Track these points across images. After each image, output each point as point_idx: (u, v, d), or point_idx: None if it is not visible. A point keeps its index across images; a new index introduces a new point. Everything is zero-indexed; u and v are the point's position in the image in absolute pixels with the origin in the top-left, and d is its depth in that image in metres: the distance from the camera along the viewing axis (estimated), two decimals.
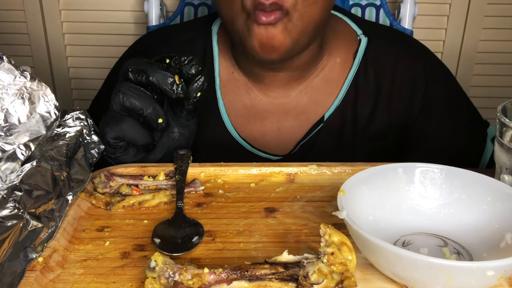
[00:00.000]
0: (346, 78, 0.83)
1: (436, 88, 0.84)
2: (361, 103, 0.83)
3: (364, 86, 0.83)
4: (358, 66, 0.83)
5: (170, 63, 0.69)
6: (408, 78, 0.83)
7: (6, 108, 0.58)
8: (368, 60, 0.83)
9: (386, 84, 0.83)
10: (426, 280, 0.44)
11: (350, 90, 0.83)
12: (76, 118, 0.65)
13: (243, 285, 0.46)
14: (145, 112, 0.66)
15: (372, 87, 0.83)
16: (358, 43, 0.84)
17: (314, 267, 0.45)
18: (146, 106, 0.66)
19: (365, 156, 0.82)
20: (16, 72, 0.59)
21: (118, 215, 0.60)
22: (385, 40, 0.85)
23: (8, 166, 0.55)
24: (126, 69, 0.67)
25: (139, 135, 0.68)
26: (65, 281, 0.49)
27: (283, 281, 0.46)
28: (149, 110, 0.66)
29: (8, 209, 0.49)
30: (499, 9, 1.49)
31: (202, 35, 0.87)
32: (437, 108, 0.84)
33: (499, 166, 0.57)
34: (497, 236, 0.50)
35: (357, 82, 0.83)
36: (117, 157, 0.70)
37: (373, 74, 0.83)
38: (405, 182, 0.57)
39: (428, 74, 0.84)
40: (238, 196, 0.64)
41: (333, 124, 0.83)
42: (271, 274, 0.46)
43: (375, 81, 0.83)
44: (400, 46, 0.85)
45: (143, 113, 0.67)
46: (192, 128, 0.73)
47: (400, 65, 0.83)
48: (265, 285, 0.46)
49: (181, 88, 0.67)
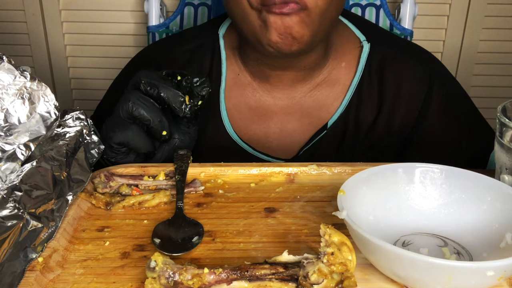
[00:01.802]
0: (351, 84, 0.83)
1: (439, 93, 0.83)
2: (364, 110, 0.83)
3: (367, 94, 0.83)
4: (362, 73, 0.83)
5: (182, 81, 0.69)
6: (411, 84, 0.83)
7: (6, 108, 0.58)
8: (371, 67, 0.83)
9: (390, 91, 0.83)
10: (426, 280, 0.44)
11: (354, 97, 0.83)
12: (76, 118, 0.65)
13: (243, 285, 0.46)
14: (152, 123, 0.67)
15: (375, 94, 0.83)
16: (360, 50, 0.84)
17: (314, 267, 0.45)
18: (154, 118, 0.67)
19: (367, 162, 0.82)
20: (16, 72, 0.59)
21: (118, 215, 0.60)
22: (387, 47, 0.85)
23: (8, 166, 0.55)
24: (139, 80, 0.68)
25: (143, 143, 0.69)
26: (65, 281, 0.49)
27: (283, 281, 0.46)
28: (156, 122, 0.67)
29: (8, 209, 0.49)
30: (499, 9, 1.49)
31: (210, 41, 0.87)
32: (440, 113, 0.84)
33: (499, 166, 0.57)
34: (497, 236, 0.50)
35: (361, 89, 0.83)
36: (117, 161, 0.70)
37: (376, 81, 0.83)
38: (405, 182, 0.57)
39: (431, 80, 0.83)
40: (238, 196, 0.64)
41: (336, 131, 0.84)
42: (271, 274, 0.46)
43: (379, 88, 0.83)
44: (403, 52, 0.85)
45: (149, 124, 0.67)
46: (193, 135, 0.73)
47: (403, 72, 0.83)
48: (265, 285, 0.46)
49: (189, 109, 0.68)
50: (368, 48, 0.84)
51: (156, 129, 0.68)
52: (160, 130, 0.68)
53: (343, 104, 0.83)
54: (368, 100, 0.83)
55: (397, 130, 0.84)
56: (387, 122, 0.83)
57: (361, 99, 0.83)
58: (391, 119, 0.83)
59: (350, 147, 0.84)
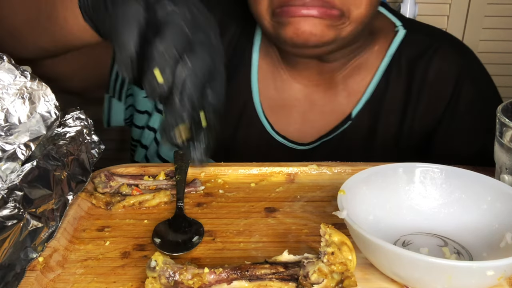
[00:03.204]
0: (378, 69, 0.80)
1: (469, 89, 0.80)
2: (390, 100, 0.80)
3: (395, 82, 0.80)
4: (391, 58, 0.80)
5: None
6: (442, 76, 0.79)
7: (7, 108, 0.58)
8: (402, 53, 0.80)
9: (418, 80, 0.79)
10: (426, 279, 0.44)
11: (381, 84, 0.80)
12: (76, 118, 0.65)
13: (243, 284, 0.46)
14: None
15: (403, 83, 0.79)
16: (394, 34, 0.81)
17: (314, 266, 0.45)
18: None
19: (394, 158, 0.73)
20: (16, 72, 0.59)
21: (118, 215, 0.60)
22: (424, 35, 0.81)
23: (9, 166, 0.55)
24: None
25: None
26: (66, 281, 0.49)
27: (283, 281, 0.46)
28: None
29: (9, 209, 0.49)
30: (499, 9, 1.49)
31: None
32: (466, 111, 0.80)
33: (499, 166, 0.57)
34: (497, 236, 0.50)
35: (389, 77, 0.80)
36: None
37: (406, 69, 0.79)
38: (405, 182, 0.57)
39: (462, 76, 0.80)
40: (238, 196, 0.64)
41: (361, 123, 0.80)
42: (271, 274, 0.46)
43: (408, 76, 0.79)
44: (439, 41, 0.81)
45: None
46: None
47: (436, 64, 0.79)
48: (265, 284, 0.46)
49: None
50: (403, 34, 0.80)
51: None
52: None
53: (368, 92, 0.80)
54: (396, 87, 0.79)
55: (422, 122, 0.80)
56: (415, 112, 0.79)
57: (388, 85, 0.79)
58: (419, 109, 0.79)
59: (377, 138, 0.80)
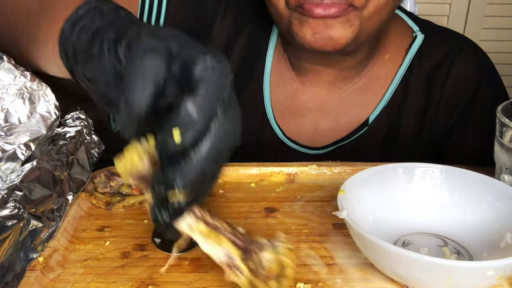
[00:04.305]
0: (395, 76, 0.78)
1: (486, 90, 0.79)
2: (410, 104, 0.78)
3: (415, 86, 0.78)
4: (410, 63, 0.78)
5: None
6: (463, 78, 0.78)
7: (7, 108, 0.58)
8: (422, 58, 0.78)
9: (439, 84, 0.78)
10: (426, 280, 0.44)
11: (399, 89, 0.78)
12: (76, 118, 0.65)
13: (201, 226, 0.44)
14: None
15: (424, 87, 0.78)
16: (412, 39, 0.79)
17: (268, 254, 0.44)
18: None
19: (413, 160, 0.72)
20: (16, 72, 0.59)
21: (119, 214, 0.60)
22: (442, 37, 0.80)
23: (9, 166, 0.55)
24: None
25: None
26: (66, 281, 0.49)
27: (236, 245, 0.44)
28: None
29: (8, 209, 0.49)
30: (499, 9, 1.49)
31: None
32: (482, 112, 0.79)
33: (499, 166, 0.57)
34: (497, 236, 0.50)
35: (408, 81, 0.78)
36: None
37: (426, 73, 0.78)
38: (405, 182, 0.57)
39: (482, 75, 0.79)
40: (238, 196, 0.64)
41: (378, 128, 0.78)
42: (229, 233, 0.44)
43: (428, 81, 0.78)
44: (459, 44, 0.80)
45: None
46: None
47: (456, 68, 0.78)
48: (218, 235, 0.44)
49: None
50: (422, 39, 0.79)
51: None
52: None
53: (386, 97, 0.78)
54: (415, 92, 0.78)
55: (440, 126, 0.79)
56: (435, 116, 0.78)
57: (408, 91, 0.78)
58: (439, 114, 0.78)
59: (395, 144, 0.79)
